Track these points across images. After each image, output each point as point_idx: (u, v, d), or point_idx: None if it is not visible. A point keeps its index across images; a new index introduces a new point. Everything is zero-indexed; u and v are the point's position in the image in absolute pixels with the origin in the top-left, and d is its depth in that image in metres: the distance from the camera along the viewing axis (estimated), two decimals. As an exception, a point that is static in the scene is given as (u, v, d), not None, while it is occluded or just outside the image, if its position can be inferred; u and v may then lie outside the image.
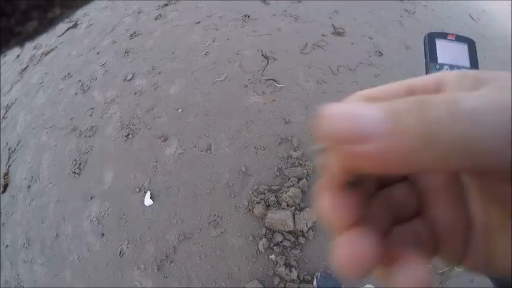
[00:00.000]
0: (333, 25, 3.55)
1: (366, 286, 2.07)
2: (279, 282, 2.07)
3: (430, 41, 1.03)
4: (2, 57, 4.29)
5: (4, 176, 3.15)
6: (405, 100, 0.19)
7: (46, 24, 0.17)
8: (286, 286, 2.05)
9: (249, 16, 3.63)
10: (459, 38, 1.04)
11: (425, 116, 0.18)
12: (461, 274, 2.11)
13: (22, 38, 0.17)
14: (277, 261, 2.12)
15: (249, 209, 2.31)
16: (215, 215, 2.34)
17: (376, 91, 0.25)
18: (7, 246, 2.74)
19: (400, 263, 0.23)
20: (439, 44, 1.03)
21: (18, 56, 4.53)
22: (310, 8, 3.77)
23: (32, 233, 2.69)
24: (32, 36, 0.17)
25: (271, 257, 2.15)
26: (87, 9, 4.46)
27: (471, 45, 1.03)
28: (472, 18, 4.60)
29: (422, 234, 0.26)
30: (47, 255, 2.55)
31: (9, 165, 3.21)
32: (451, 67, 0.99)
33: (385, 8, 4.02)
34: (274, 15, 3.62)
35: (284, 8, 3.69)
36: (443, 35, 1.05)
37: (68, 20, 4.24)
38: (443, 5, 4.57)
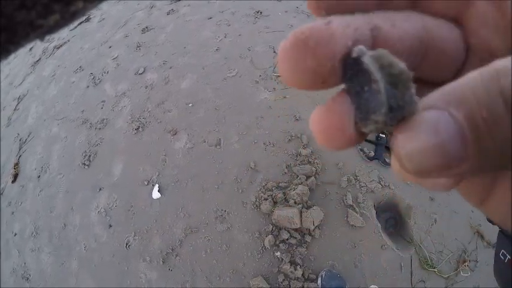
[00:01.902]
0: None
1: (371, 287, 2.06)
2: (284, 280, 2.06)
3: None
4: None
5: (14, 166, 3.19)
6: (501, 91, 0.15)
7: (68, 18, 0.17)
8: (291, 284, 2.04)
9: (261, 12, 3.62)
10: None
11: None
12: (467, 279, 2.08)
13: (43, 32, 0.16)
14: (282, 259, 2.11)
15: (256, 205, 2.30)
16: (222, 210, 2.34)
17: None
18: (15, 234, 2.78)
19: None
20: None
21: (30, 49, 4.59)
22: (323, 6, 3.74)
23: (40, 223, 2.71)
24: (52, 29, 0.17)
25: (276, 254, 2.14)
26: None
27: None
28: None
29: None
30: (54, 245, 2.57)
31: (20, 156, 3.25)
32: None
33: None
34: (286, 11, 3.60)
35: (296, 5, 3.66)
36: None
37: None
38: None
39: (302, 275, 2.06)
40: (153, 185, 2.54)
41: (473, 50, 0.22)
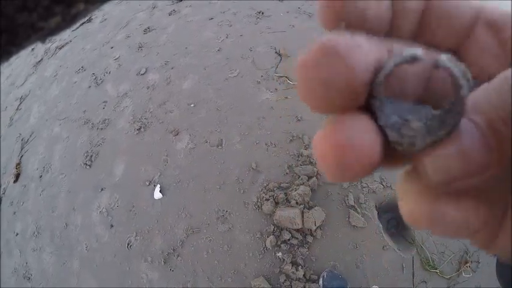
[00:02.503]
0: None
1: (372, 287, 2.05)
2: (285, 280, 2.05)
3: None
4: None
5: (16, 166, 3.19)
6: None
7: (69, 20, 0.17)
8: (292, 284, 2.04)
9: (262, 13, 3.62)
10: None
11: None
12: (469, 280, 2.07)
13: (44, 34, 0.16)
14: (283, 259, 2.11)
15: (258, 206, 2.30)
16: (224, 210, 2.34)
17: None
18: (17, 234, 2.78)
19: None
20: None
21: (32, 50, 4.59)
22: (324, 6, 3.74)
23: (42, 222, 2.72)
24: (54, 32, 0.17)
25: (278, 254, 2.14)
26: (102, 3, 4.49)
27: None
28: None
29: None
30: (56, 245, 2.58)
31: (22, 156, 3.25)
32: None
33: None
34: (288, 12, 3.60)
35: (298, 5, 3.66)
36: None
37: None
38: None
39: (303, 275, 2.05)
40: (154, 185, 2.54)
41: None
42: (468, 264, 2.12)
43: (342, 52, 0.16)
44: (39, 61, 4.28)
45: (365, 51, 0.17)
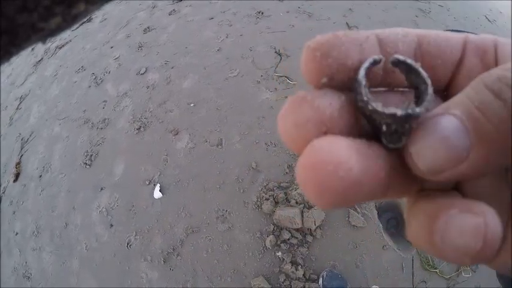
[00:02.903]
0: (347, 23, 3.53)
1: (372, 287, 2.05)
2: (285, 280, 2.05)
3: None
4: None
5: (16, 166, 3.19)
6: (484, 83, 0.18)
7: (70, 21, 0.17)
8: (292, 284, 2.04)
9: (262, 13, 3.62)
10: (476, 37, 1.02)
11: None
12: (469, 280, 2.07)
13: (44, 34, 0.16)
14: (283, 259, 2.11)
15: (258, 205, 2.30)
16: (223, 210, 2.34)
17: (427, 33, 0.23)
18: (17, 233, 2.78)
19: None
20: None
21: (32, 49, 4.59)
22: (324, 5, 3.75)
23: (42, 222, 2.72)
24: (54, 32, 0.17)
25: (277, 254, 2.14)
26: (102, 3, 4.49)
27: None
28: (488, 20, 4.54)
29: None
30: (55, 244, 2.58)
31: (22, 155, 3.25)
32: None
33: (399, 7, 3.98)
34: (288, 12, 3.61)
35: (298, 5, 3.67)
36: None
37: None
38: (459, 5, 4.51)
39: (303, 275, 2.06)
40: (154, 185, 2.54)
41: None
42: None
43: (309, 99, 0.20)
44: (39, 61, 4.28)
45: (330, 96, 0.20)
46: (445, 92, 0.24)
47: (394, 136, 0.19)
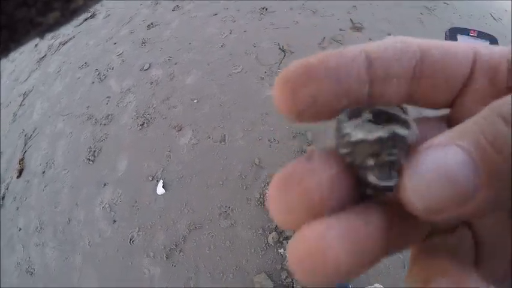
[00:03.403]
0: (351, 20, 3.51)
1: (374, 285, 2.04)
2: (287, 277, 2.05)
3: (451, 37, 1.00)
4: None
5: (20, 162, 3.20)
6: (498, 112, 0.16)
7: (68, 16, 0.16)
8: (294, 281, 2.03)
9: (266, 9, 3.61)
10: (481, 35, 1.00)
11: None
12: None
13: (43, 29, 0.16)
14: (286, 256, 2.10)
15: (261, 202, 2.30)
16: (226, 206, 2.34)
17: (433, 46, 0.20)
18: (20, 229, 2.79)
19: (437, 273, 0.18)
20: (461, 39, 1.00)
21: (36, 45, 4.59)
22: (328, 2, 3.73)
23: (45, 218, 2.72)
24: (53, 27, 0.16)
25: (280, 251, 2.13)
26: (105, -1, 4.50)
27: (493, 42, 1.00)
28: (494, 18, 4.50)
29: (466, 245, 0.21)
30: (58, 239, 2.58)
31: (25, 151, 3.26)
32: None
33: (404, 4, 3.95)
34: (291, 8, 3.59)
35: (302, 2, 3.65)
36: (466, 31, 1.01)
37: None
38: (464, 3, 4.48)
39: (306, 272, 2.05)
40: (157, 181, 2.54)
41: None
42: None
43: (296, 179, 0.18)
44: (43, 57, 4.28)
45: (318, 173, 0.18)
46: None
47: (383, 169, 0.17)
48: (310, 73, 0.18)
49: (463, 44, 0.21)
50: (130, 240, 2.38)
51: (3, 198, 3.02)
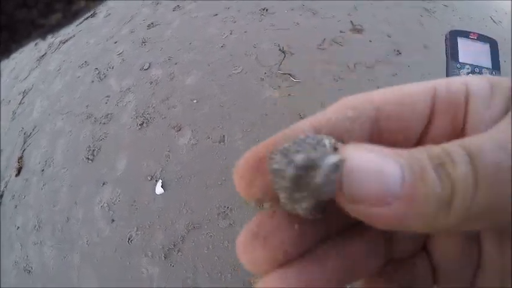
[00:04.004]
0: (351, 22, 3.51)
1: None
2: (286, 278, 2.05)
3: (451, 39, 1.00)
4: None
5: (18, 160, 3.20)
6: (429, 154, 0.17)
7: (70, 17, 0.17)
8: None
9: (267, 10, 3.61)
10: (481, 38, 1.01)
11: (448, 179, 0.16)
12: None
13: (45, 31, 0.16)
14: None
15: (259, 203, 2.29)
16: (225, 206, 2.34)
17: (387, 102, 0.21)
18: (18, 228, 2.78)
19: None
20: (461, 42, 1.00)
21: (36, 44, 4.59)
22: (328, 3, 3.73)
23: (44, 216, 2.72)
24: (54, 28, 0.17)
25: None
26: (106, -2, 4.49)
27: (493, 45, 1.00)
28: (494, 21, 4.50)
29: (421, 270, 0.23)
30: (57, 238, 2.58)
31: (24, 150, 3.25)
32: (473, 67, 0.95)
33: (404, 6, 3.96)
34: (292, 9, 3.59)
35: (302, 3, 3.65)
36: (466, 34, 1.01)
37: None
38: (464, 5, 4.48)
39: (304, 273, 2.05)
40: (156, 181, 2.54)
41: None
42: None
43: (261, 238, 0.20)
44: (43, 55, 4.28)
45: (281, 231, 0.20)
46: None
47: (316, 208, 0.18)
48: (259, 167, 0.21)
49: (422, 85, 0.21)
50: (129, 239, 2.38)
51: (1, 196, 3.02)
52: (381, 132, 0.21)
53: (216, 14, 3.70)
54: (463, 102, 0.20)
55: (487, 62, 0.96)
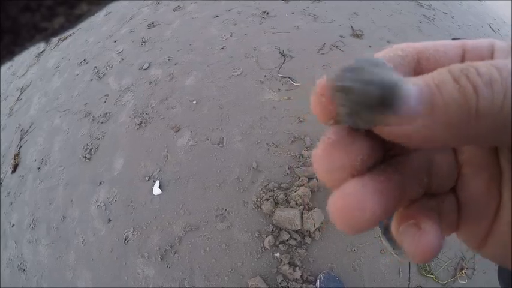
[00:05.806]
0: (351, 26, 3.53)
1: (370, 288, 2.06)
2: (282, 281, 2.05)
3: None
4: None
5: (15, 157, 3.18)
6: (450, 69, 0.19)
7: (73, 21, 0.16)
8: (289, 285, 2.03)
9: (268, 13, 3.62)
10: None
11: (470, 84, 0.18)
12: (464, 286, 2.08)
13: (47, 34, 0.16)
14: (281, 259, 2.11)
15: (257, 205, 2.30)
16: (223, 208, 2.33)
17: (426, 48, 0.24)
18: (13, 225, 2.77)
19: (416, 226, 0.23)
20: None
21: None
22: (329, 8, 3.75)
23: (39, 214, 2.71)
24: (57, 32, 0.17)
25: (276, 254, 2.13)
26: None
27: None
28: (492, 29, 4.55)
29: (448, 206, 0.25)
30: (52, 237, 2.57)
31: (21, 146, 3.24)
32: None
33: (404, 12, 3.98)
34: (293, 13, 3.60)
35: (303, 7, 3.67)
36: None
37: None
38: (463, 13, 4.52)
39: (301, 276, 2.05)
40: (154, 181, 2.53)
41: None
42: (464, 271, 2.13)
43: (342, 145, 0.22)
44: (42, 52, 4.27)
45: (357, 145, 0.22)
46: None
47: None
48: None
49: (453, 42, 0.25)
50: (125, 240, 2.36)
51: (-3, 193, 3.01)
52: (421, 71, 0.24)
53: (217, 16, 3.70)
54: (490, 54, 0.23)
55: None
